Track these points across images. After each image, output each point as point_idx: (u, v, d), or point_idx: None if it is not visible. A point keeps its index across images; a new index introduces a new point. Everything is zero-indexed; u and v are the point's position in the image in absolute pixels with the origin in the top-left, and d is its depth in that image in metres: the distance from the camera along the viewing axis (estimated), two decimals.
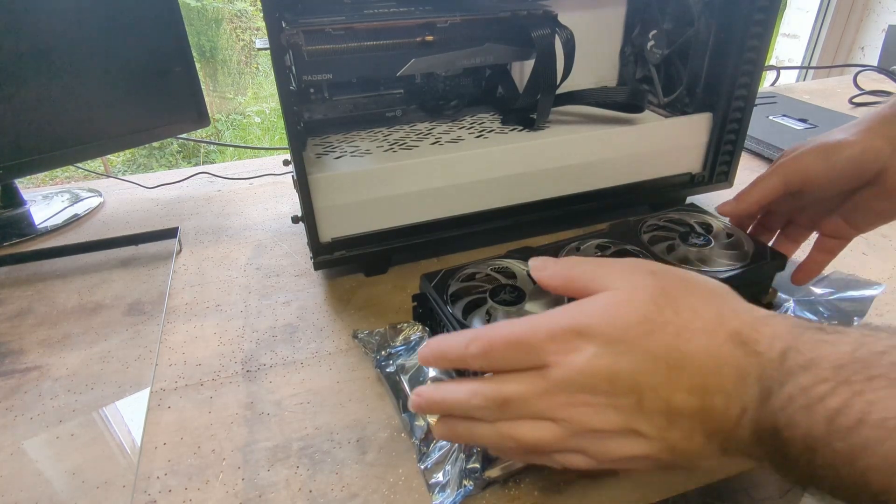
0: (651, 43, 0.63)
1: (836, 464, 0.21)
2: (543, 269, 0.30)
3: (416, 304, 0.46)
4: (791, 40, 1.87)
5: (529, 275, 0.41)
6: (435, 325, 0.44)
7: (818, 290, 0.44)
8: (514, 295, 0.40)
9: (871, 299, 0.42)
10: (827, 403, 0.21)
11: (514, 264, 0.44)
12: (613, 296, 0.26)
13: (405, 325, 0.46)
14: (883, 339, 0.22)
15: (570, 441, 0.26)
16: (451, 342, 0.28)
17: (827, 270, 0.45)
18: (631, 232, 0.48)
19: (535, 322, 0.26)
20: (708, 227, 0.49)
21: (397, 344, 0.44)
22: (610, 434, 0.26)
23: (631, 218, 0.51)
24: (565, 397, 0.25)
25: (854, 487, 0.21)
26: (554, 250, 0.46)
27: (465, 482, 0.33)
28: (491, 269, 0.44)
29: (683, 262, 0.44)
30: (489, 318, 0.38)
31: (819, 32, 1.77)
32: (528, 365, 0.26)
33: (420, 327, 0.45)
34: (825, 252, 0.44)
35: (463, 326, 0.37)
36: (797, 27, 1.84)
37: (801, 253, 0.46)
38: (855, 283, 0.44)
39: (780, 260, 0.44)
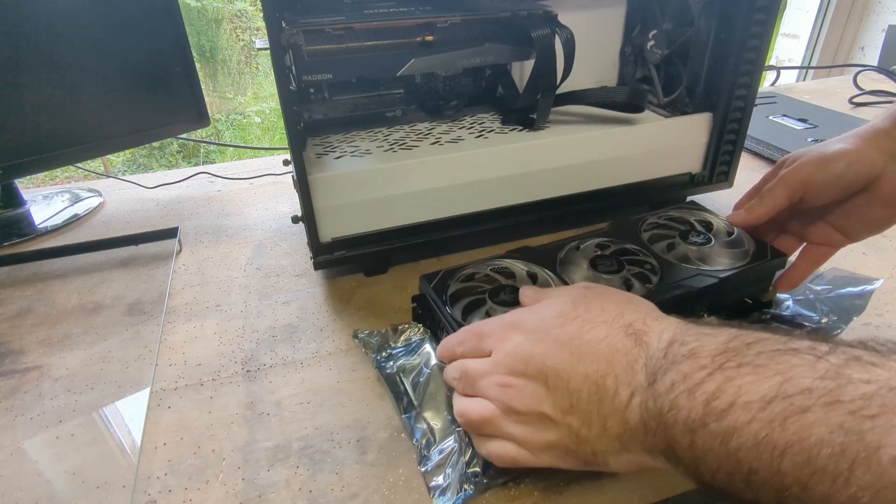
0: (651, 43, 0.63)
1: (713, 445, 0.23)
2: (525, 295, 0.37)
3: (415, 304, 0.46)
4: (791, 40, 1.87)
5: (529, 275, 0.42)
6: (434, 325, 0.44)
7: (817, 288, 0.44)
8: (513, 295, 0.40)
9: (869, 294, 0.42)
10: (704, 387, 0.24)
11: (514, 264, 0.44)
12: (548, 300, 0.34)
13: (406, 325, 0.46)
14: (753, 333, 0.25)
15: (502, 423, 0.31)
16: (451, 338, 0.36)
17: (826, 268, 0.46)
18: (631, 231, 0.48)
19: (493, 319, 0.35)
20: (708, 226, 0.48)
21: (398, 345, 0.44)
22: (527, 417, 0.30)
23: (631, 217, 0.50)
24: (497, 377, 0.31)
25: (729, 469, 0.23)
26: (554, 250, 0.46)
27: (466, 486, 0.33)
28: (490, 270, 0.43)
29: (683, 260, 0.44)
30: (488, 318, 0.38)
31: (819, 32, 1.77)
32: (483, 351, 0.33)
33: (420, 328, 0.45)
34: (811, 261, 0.46)
35: (461, 327, 0.38)
36: (797, 27, 1.84)
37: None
38: (853, 280, 0.44)
39: (780, 258, 0.44)
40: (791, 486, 0.21)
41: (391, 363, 0.43)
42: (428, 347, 0.42)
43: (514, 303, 0.39)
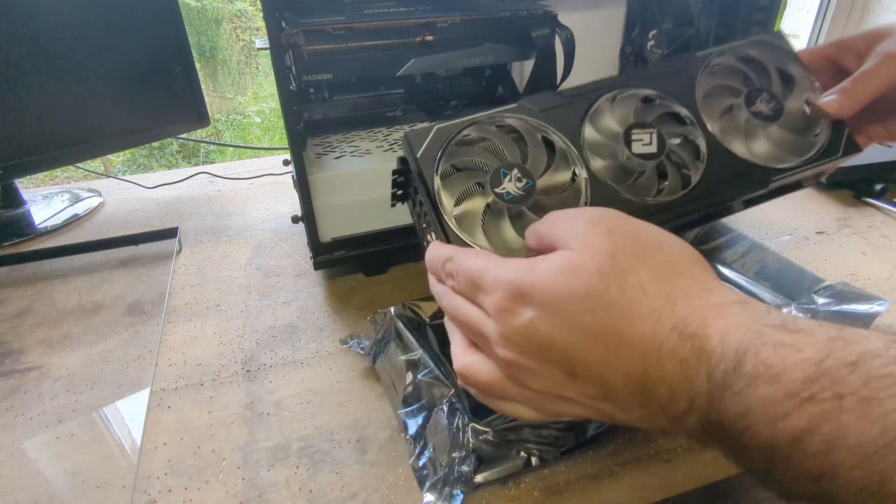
0: (651, 43, 0.63)
1: (799, 477, 0.19)
2: (531, 236, 0.29)
3: (397, 177, 0.34)
4: (791, 40, 1.87)
5: (544, 139, 0.34)
6: (415, 206, 0.35)
7: (820, 300, 0.43)
8: (521, 185, 0.31)
9: (874, 316, 0.41)
10: (791, 422, 0.19)
11: (527, 126, 0.34)
12: (564, 259, 0.24)
13: (376, 315, 0.46)
14: (852, 346, 0.20)
15: (512, 391, 0.26)
16: (437, 252, 0.29)
17: (832, 279, 0.45)
18: (687, 80, 0.36)
19: (491, 266, 0.26)
20: (789, 81, 0.37)
21: (378, 335, 0.45)
22: (544, 395, 0.25)
23: (698, 52, 0.38)
24: (503, 352, 0.25)
25: (809, 494, 0.19)
26: (586, 98, 0.35)
27: (457, 486, 0.33)
28: (496, 126, 0.34)
29: (737, 138, 0.35)
30: (484, 222, 0.31)
31: (819, 32, 1.77)
32: (479, 304, 0.26)
33: (384, 314, 0.44)
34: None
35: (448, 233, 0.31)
36: (797, 27, 1.84)
37: None
38: (860, 297, 0.43)
39: (852, 155, 0.37)
40: None
41: (381, 356, 0.43)
42: (393, 344, 0.43)
43: (520, 198, 0.31)
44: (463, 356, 0.27)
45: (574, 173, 0.33)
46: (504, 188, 0.31)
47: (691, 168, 0.34)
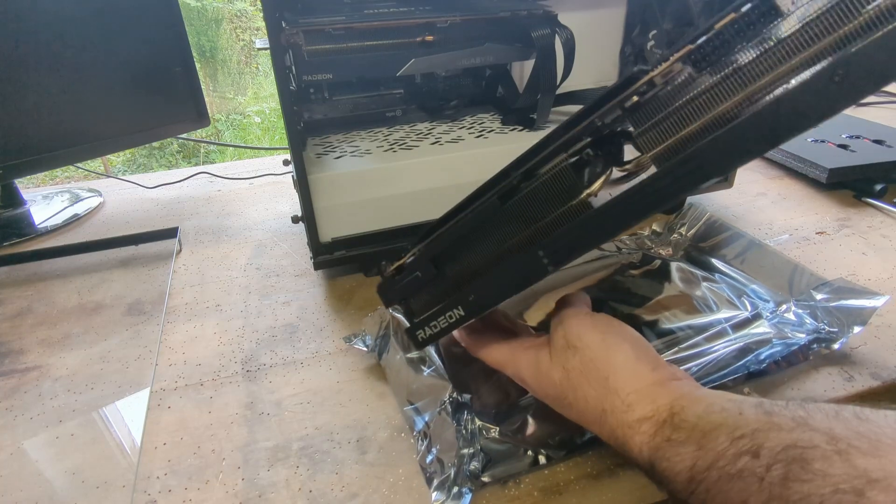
0: (651, 43, 0.63)
1: None
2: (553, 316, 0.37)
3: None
4: None
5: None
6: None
7: (819, 296, 0.44)
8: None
9: (872, 310, 0.41)
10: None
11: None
12: (543, 362, 0.34)
13: (379, 310, 0.46)
14: (726, 455, 0.25)
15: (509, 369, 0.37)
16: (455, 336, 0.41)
17: (830, 276, 0.45)
18: None
19: (500, 351, 0.38)
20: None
21: (381, 332, 0.45)
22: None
23: None
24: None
25: None
26: None
27: (465, 485, 0.33)
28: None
29: None
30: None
31: None
32: None
33: (380, 312, 0.45)
34: None
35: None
36: None
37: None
38: (858, 293, 0.43)
39: None
40: None
41: (384, 353, 0.43)
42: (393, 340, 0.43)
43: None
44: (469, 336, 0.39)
45: None
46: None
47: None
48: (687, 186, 0.27)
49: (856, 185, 0.69)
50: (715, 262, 0.53)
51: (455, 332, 0.39)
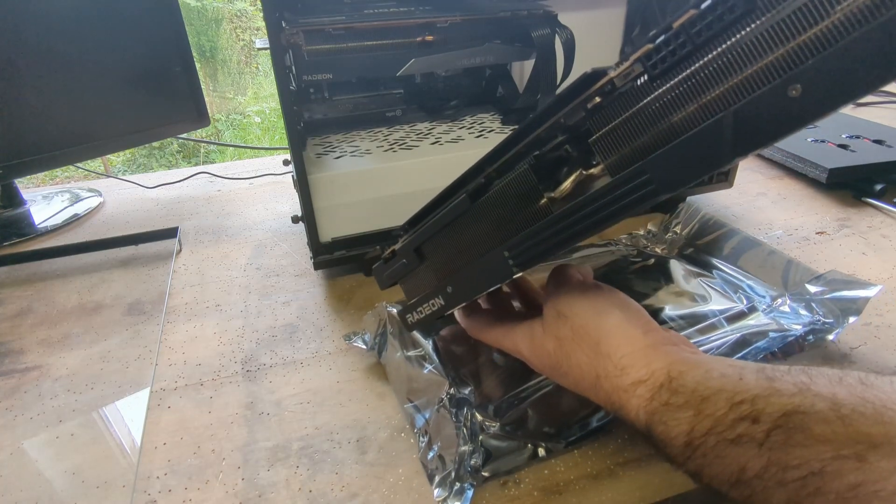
0: None
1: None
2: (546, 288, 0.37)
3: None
4: None
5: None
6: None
7: (813, 289, 0.44)
8: None
9: (866, 300, 0.42)
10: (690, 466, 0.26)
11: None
12: (536, 334, 0.34)
13: (377, 308, 0.46)
14: (725, 415, 0.25)
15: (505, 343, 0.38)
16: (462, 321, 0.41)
17: (824, 269, 0.45)
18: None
19: (486, 331, 0.39)
20: None
21: (379, 329, 0.45)
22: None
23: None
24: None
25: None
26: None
27: (466, 481, 0.33)
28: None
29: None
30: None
31: None
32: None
33: (386, 308, 0.45)
34: None
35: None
36: None
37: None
38: (852, 284, 0.43)
39: None
40: None
41: (384, 351, 0.43)
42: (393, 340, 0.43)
43: None
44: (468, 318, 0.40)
45: None
46: None
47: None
48: (637, 203, 0.25)
49: (856, 185, 0.69)
50: (710, 259, 0.53)
51: (456, 314, 0.40)
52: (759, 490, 0.23)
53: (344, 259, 0.53)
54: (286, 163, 0.68)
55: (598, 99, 0.26)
